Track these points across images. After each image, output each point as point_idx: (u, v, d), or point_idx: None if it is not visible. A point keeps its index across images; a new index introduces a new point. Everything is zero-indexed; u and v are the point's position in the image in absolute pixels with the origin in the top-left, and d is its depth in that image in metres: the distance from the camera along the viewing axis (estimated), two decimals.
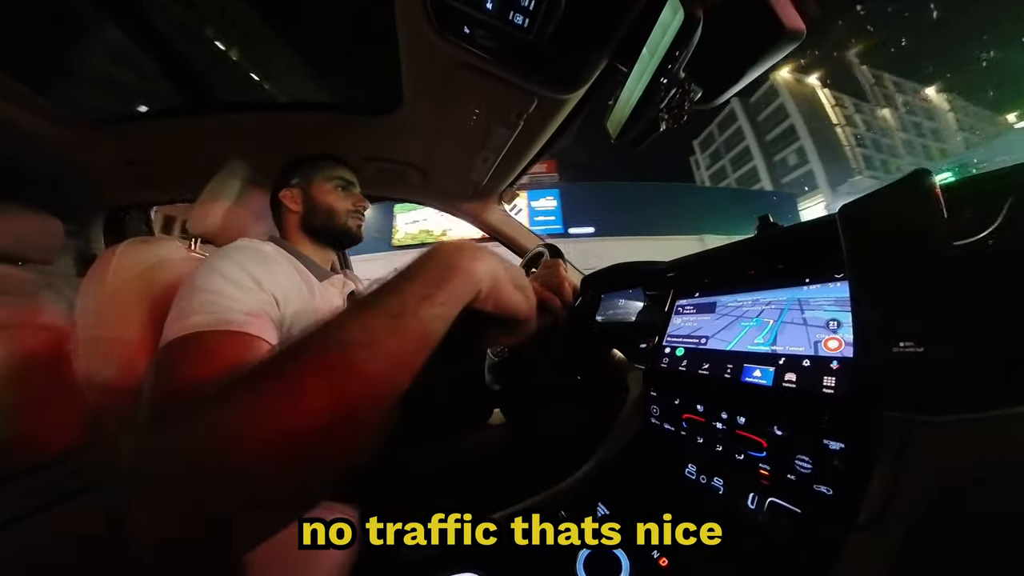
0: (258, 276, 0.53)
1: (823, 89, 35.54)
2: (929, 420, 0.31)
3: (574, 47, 0.67)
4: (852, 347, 0.41)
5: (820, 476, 0.38)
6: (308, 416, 0.25)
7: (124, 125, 1.03)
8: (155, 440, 0.28)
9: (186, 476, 0.25)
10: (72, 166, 1.16)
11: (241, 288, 0.50)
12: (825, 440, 0.39)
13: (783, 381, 0.46)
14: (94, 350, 0.50)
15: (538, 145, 1.04)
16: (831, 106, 35.31)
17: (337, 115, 1.02)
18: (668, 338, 0.70)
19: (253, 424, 0.25)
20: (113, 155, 1.13)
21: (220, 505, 0.25)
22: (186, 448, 0.26)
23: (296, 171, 0.76)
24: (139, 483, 0.26)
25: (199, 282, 0.49)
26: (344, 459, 0.28)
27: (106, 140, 1.07)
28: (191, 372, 0.39)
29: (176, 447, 0.26)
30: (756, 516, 0.43)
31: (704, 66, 0.57)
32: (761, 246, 0.64)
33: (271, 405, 0.25)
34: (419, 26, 0.65)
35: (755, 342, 0.54)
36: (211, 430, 0.26)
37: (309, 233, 0.75)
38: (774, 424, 0.45)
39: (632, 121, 0.72)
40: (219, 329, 0.44)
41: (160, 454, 0.27)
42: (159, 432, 0.28)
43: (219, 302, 0.47)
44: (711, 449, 0.53)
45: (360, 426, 0.28)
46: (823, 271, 0.50)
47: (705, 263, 0.77)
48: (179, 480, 0.25)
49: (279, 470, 0.25)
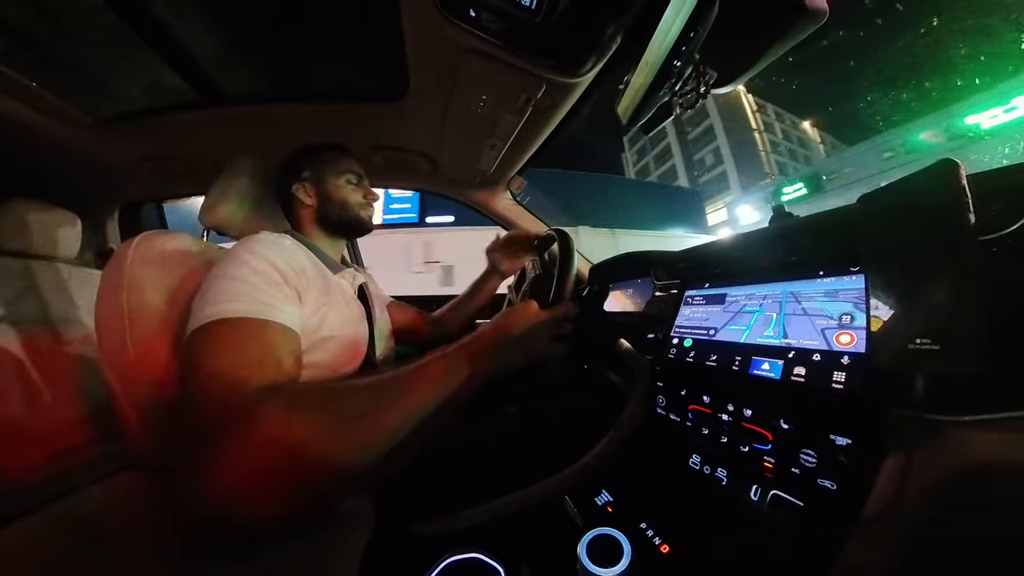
0: (282, 269, 0.55)
1: (747, 94, 34.94)
2: (942, 420, 0.30)
3: (583, 29, 0.65)
4: (865, 342, 0.40)
5: (825, 471, 0.38)
6: (313, 447, 0.37)
7: (137, 122, 1.05)
8: (222, 433, 0.36)
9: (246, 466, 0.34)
10: (90, 164, 1.19)
11: (268, 280, 0.52)
12: (832, 435, 0.38)
13: (792, 375, 0.46)
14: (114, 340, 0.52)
15: (547, 131, 1.02)
16: (752, 111, 34.84)
17: (345, 104, 1.01)
18: (676, 329, 0.70)
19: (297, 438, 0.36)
20: (129, 151, 1.16)
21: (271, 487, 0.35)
22: (249, 444, 0.35)
23: (306, 164, 0.76)
24: (206, 463, 0.34)
25: (231, 271, 0.51)
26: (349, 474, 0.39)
27: (121, 137, 1.10)
28: (236, 358, 0.43)
29: (241, 442, 0.35)
30: (759, 508, 0.43)
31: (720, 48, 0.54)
32: (774, 237, 0.62)
33: (305, 433, 0.37)
34: (425, 11, 0.64)
35: (764, 335, 0.53)
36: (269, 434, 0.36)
37: (323, 226, 0.76)
38: (781, 417, 0.45)
39: (643, 106, 0.70)
40: (255, 317, 0.47)
41: (228, 444, 0.35)
42: (227, 428, 0.36)
43: (251, 292, 0.49)
44: (716, 440, 0.53)
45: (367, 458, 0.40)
46: (838, 263, 0.48)
47: (717, 253, 0.76)
48: (240, 465, 0.34)
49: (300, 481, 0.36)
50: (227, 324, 0.45)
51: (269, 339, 0.47)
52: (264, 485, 0.34)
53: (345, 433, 0.39)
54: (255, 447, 0.35)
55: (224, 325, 0.45)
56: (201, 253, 0.64)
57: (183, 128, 1.07)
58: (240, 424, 0.36)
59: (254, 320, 0.47)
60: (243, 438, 0.35)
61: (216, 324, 0.45)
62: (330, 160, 0.77)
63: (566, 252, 0.80)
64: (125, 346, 0.53)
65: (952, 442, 0.29)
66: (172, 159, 1.19)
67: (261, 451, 0.35)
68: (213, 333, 0.44)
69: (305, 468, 0.36)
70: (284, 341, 0.49)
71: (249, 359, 0.43)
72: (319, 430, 0.38)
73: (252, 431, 0.35)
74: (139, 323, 0.53)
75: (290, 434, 0.36)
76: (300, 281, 0.58)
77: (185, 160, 1.19)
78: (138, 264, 0.55)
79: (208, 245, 0.68)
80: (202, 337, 0.44)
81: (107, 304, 0.54)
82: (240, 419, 0.36)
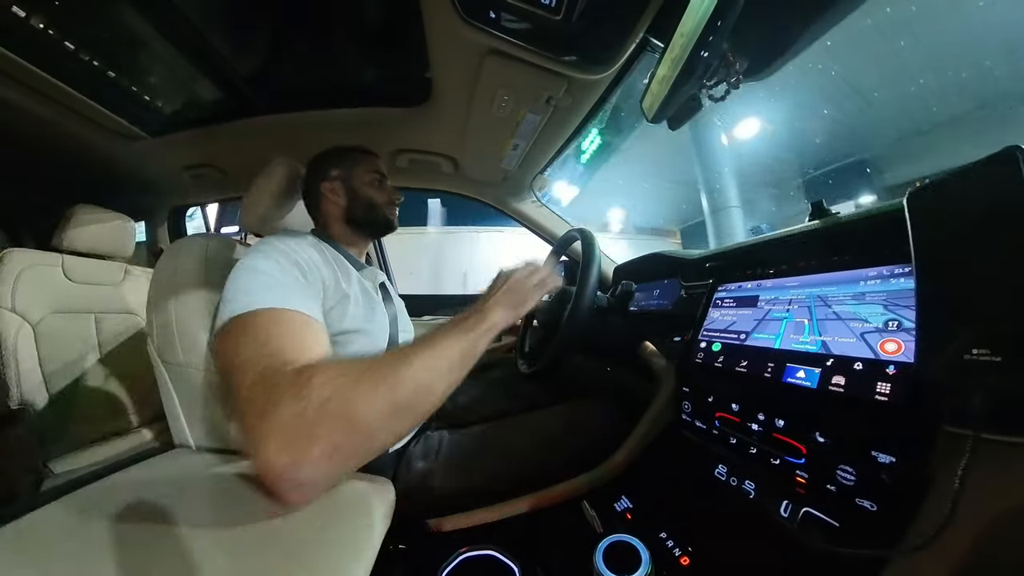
0: (302, 264, 0.58)
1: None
2: (999, 440, 0.27)
3: (605, 23, 0.63)
4: (914, 351, 0.37)
5: (864, 490, 0.35)
6: (378, 408, 0.40)
7: (181, 134, 1.15)
8: (279, 408, 0.38)
9: (312, 430, 0.37)
10: (141, 173, 1.32)
11: (290, 275, 0.55)
12: (874, 451, 0.35)
13: (830, 384, 0.43)
14: (163, 333, 0.57)
15: (569, 129, 1.00)
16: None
17: (370, 108, 1.05)
18: (704, 332, 0.67)
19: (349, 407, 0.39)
20: (174, 161, 1.27)
21: (331, 448, 0.37)
22: (300, 413, 0.37)
23: (335, 164, 0.79)
24: (272, 431, 0.37)
25: (260, 266, 0.54)
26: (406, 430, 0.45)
27: (167, 149, 1.21)
28: (270, 345, 0.45)
29: (292, 412, 0.37)
30: (788, 525, 0.41)
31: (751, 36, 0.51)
32: (814, 235, 0.58)
33: (360, 399, 0.40)
34: (445, 14, 0.65)
35: (800, 340, 0.49)
36: (325, 407, 0.38)
37: (351, 224, 0.79)
38: (817, 430, 0.42)
39: (670, 100, 0.67)
40: (284, 308, 0.49)
41: (280, 417, 0.37)
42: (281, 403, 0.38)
43: (277, 287, 0.52)
44: (744, 451, 0.50)
45: (414, 418, 0.45)
46: (884, 265, 0.45)
47: (749, 253, 0.72)
48: (307, 430, 0.37)
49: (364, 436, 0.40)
50: (257, 315, 0.47)
51: (298, 327, 0.49)
52: (321, 449, 0.37)
53: (384, 390, 0.41)
54: (307, 415, 0.37)
55: (255, 316, 0.47)
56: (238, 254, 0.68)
57: (221, 138, 1.15)
58: (288, 395, 0.38)
59: (283, 311, 0.49)
60: (293, 408, 0.37)
61: (248, 316, 0.47)
62: (359, 161, 0.80)
63: (589, 251, 0.78)
64: (173, 337, 0.57)
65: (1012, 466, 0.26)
66: (212, 167, 1.28)
67: (314, 416, 0.37)
68: (245, 323, 0.47)
69: (354, 429, 0.39)
70: (312, 329, 0.51)
71: (284, 345, 0.45)
72: (362, 392, 0.40)
73: (300, 402, 0.37)
74: (185, 317, 0.58)
75: (337, 398, 0.38)
76: (318, 275, 0.60)
77: (223, 168, 1.29)
78: (184, 264, 0.60)
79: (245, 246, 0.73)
80: (234, 327, 0.47)
81: (158, 299, 0.59)
82: (287, 392, 0.38)
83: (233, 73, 0.96)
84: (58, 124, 1.02)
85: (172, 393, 0.59)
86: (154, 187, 1.43)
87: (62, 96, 0.93)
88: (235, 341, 0.46)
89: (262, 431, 0.36)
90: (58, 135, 1.07)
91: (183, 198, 1.56)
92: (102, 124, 1.06)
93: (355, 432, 0.39)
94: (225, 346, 0.47)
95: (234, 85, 0.99)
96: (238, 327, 0.47)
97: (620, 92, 0.89)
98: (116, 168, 1.27)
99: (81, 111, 0.99)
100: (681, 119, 0.74)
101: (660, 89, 0.67)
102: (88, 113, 1.01)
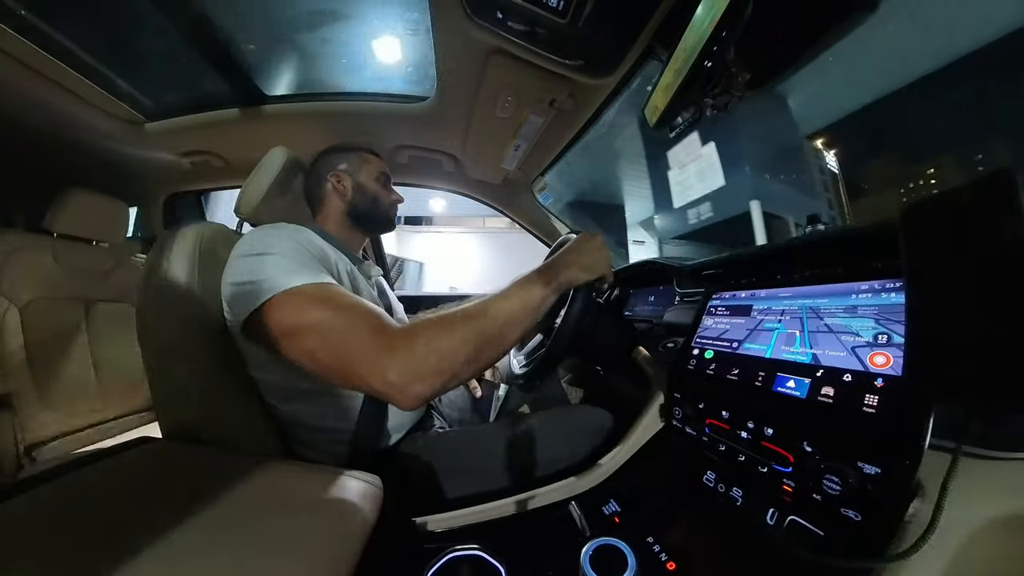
0: (315, 255, 0.59)
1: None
2: (986, 455, 0.27)
3: (611, 29, 0.63)
4: (901, 364, 0.37)
5: (849, 500, 0.36)
6: (468, 350, 0.50)
7: (182, 119, 1.13)
8: (395, 352, 0.47)
9: (420, 364, 0.47)
10: (138, 158, 1.29)
11: (312, 257, 0.58)
12: (860, 462, 0.36)
13: (819, 394, 0.43)
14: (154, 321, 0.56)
15: (571, 133, 1.01)
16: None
17: (374, 103, 1.04)
18: (697, 339, 0.67)
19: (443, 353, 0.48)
20: (173, 147, 1.25)
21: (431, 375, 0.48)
22: (419, 352, 0.47)
23: (344, 158, 0.79)
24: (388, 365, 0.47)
25: (284, 250, 0.55)
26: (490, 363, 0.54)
27: (167, 134, 1.18)
28: (355, 301, 0.51)
29: (413, 353, 0.47)
30: (774, 533, 0.41)
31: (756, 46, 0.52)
32: (808, 247, 0.59)
33: (448, 346, 0.49)
34: (452, 12, 0.65)
35: (791, 351, 0.50)
36: (428, 353, 0.48)
37: (352, 218, 0.79)
38: (805, 439, 0.42)
39: (673, 108, 0.68)
40: (331, 283, 0.53)
41: (401, 356, 0.47)
42: (396, 350, 0.47)
43: (312, 266, 0.55)
44: (733, 458, 0.51)
45: (495, 355, 0.54)
46: (876, 278, 0.45)
47: (743, 263, 0.72)
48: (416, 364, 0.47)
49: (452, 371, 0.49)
50: (304, 289, 0.50)
51: (347, 298, 0.52)
52: (431, 374, 0.47)
53: (471, 337, 0.50)
54: (419, 351, 0.47)
55: (302, 290, 0.50)
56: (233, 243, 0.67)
57: (222, 126, 1.13)
58: (403, 340, 0.47)
59: (328, 284, 0.52)
60: (409, 347, 0.47)
61: (296, 291, 0.49)
62: (368, 160, 0.81)
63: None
64: (163, 326, 0.56)
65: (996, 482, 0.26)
66: (211, 154, 1.26)
67: (425, 351, 0.47)
68: (295, 295, 0.49)
69: (454, 360, 0.48)
70: (356, 299, 0.53)
71: (359, 302, 0.51)
72: (456, 339, 0.49)
73: (415, 343, 0.47)
74: (176, 306, 0.57)
75: (438, 343, 0.48)
76: (331, 265, 0.62)
77: (223, 155, 1.27)
78: (177, 252, 0.59)
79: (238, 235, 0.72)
80: (285, 300, 0.49)
81: (148, 287, 0.58)
82: (402, 340, 0.47)
83: (238, 60, 0.95)
84: (53, 105, 1.00)
85: (161, 383, 0.58)
86: (151, 173, 1.40)
87: (58, 75, 0.91)
88: (297, 309, 0.49)
89: (386, 361, 0.46)
90: (53, 116, 1.05)
91: (181, 185, 1.54)
92: (99, 106, 1.03)
93: (454, 363, 0.48)
94: (281, 315, 0.49)
95: (239, 72, 0.98)
96: (293, 299, 0.50)
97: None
98: (112, 152, 1.24)
99: (78, 91, 0.97)
100: (684, 130, 0.75)
101: (663, 97, 0.67)
102: (85, 94, 0.98)
